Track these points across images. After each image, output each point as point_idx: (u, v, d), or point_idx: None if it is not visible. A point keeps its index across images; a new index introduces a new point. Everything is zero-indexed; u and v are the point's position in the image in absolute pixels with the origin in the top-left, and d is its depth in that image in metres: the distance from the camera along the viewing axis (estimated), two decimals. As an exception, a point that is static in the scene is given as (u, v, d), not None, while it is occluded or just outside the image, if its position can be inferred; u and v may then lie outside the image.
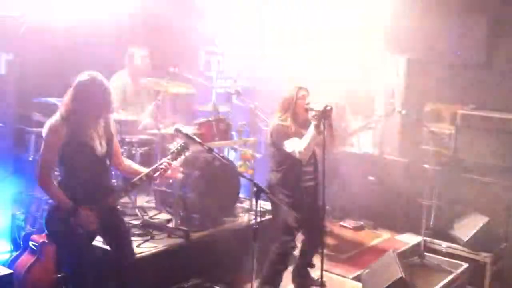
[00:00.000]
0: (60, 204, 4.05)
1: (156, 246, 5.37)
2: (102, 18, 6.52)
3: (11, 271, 4.59)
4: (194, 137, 4.50)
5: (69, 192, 4.06)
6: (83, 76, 4.10)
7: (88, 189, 4.12)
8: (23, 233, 5.12)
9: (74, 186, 4.09)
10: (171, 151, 4.41)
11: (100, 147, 4.17)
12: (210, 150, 4.40)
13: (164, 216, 6.06)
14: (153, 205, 6.27)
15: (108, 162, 4.26)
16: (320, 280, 5.06)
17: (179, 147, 4.38)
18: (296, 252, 5.51)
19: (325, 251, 5.14)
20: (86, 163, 4.10)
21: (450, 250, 6.76)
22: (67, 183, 4.11)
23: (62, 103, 4.16)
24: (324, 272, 5.12)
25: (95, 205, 4.12)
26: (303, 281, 5.57)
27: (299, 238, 5.50)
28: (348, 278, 5.94)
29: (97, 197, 4.17)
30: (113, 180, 5.32)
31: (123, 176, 5.23)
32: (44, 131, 4.07)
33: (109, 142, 4.27)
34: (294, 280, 5.58)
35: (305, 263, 5.58)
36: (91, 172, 4.15)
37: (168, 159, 4.34)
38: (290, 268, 5.52)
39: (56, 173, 4.28)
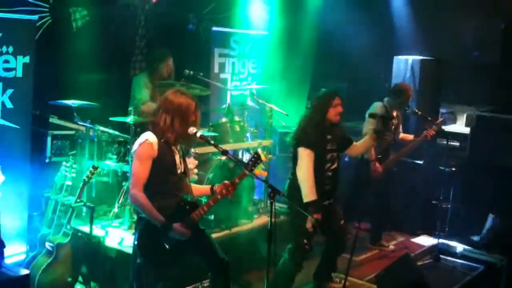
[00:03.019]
0: (153, 219, 4.03)
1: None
2: (115, 22, 6.58)
3: (28, 272, 4.63)
4: (209, 139, 4.51)
5: (157, 208, 4.04)
6: (174, 94, 4.13)
7: (173, 205, 4.14)
8: (39, 234, 5.17)
9: (160, 202, 4.08)
10: (247, 162, 4.36)
11: (180, 165, 4.22)
12: (225, 152, 4.41)
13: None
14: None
15: (186, 179, 4.30)
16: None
17: (253, 158, 4.28)
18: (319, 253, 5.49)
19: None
20: (170, 180, 4.15)
21: (465, 253, 6.73)
22: (153, 200, 4.06)
23: (153, 118, 4.14)
24: (339, 274, 5.11)
25: (181, 220, 4.09)
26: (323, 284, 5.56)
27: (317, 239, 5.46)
28: (363, 280, 5.93)
29: (182, 212, 4.16)
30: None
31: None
32: (137, 145, 4.06)
33: (184, 159, 4.33)
34: (315, 279, 5.57)
35: (326, 265, 5.53)
36: (175, 189, 4.19)
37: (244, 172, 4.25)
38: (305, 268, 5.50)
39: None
